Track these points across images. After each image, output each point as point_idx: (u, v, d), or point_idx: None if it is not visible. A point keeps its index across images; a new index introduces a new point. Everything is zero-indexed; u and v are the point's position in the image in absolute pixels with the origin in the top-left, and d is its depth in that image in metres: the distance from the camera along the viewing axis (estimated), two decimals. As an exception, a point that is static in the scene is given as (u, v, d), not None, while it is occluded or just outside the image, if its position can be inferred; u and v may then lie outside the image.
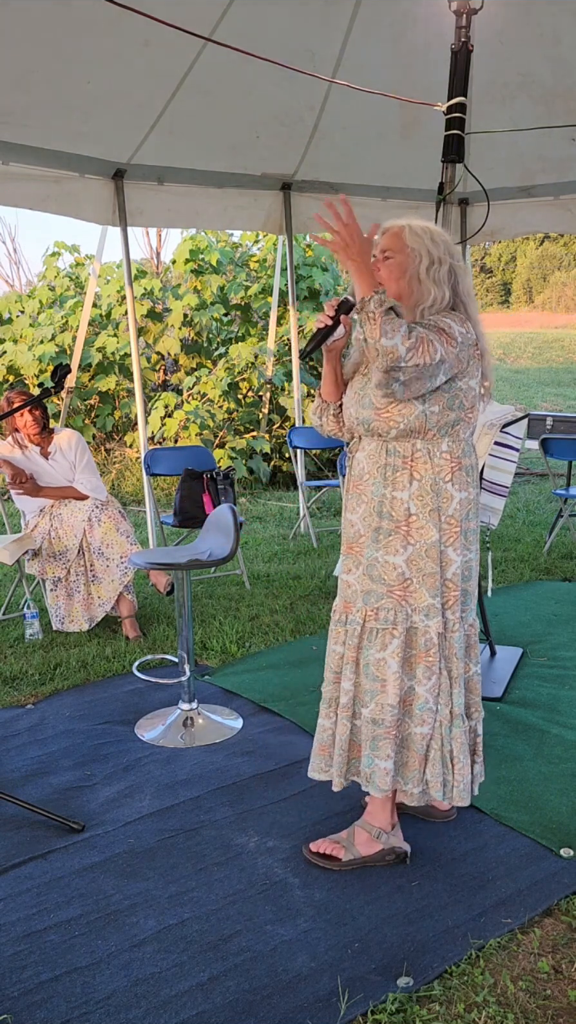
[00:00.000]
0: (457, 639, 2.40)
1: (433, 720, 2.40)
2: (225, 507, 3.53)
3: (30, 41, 3.99)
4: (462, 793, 2.42)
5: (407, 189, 5.86)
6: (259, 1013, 1.98)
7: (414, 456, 2.34)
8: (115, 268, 8.88)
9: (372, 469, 2.40)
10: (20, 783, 3.00)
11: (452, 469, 2.35)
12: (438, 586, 2.36)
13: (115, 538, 4.33)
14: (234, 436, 8.25)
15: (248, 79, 4.61)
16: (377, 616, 2.39)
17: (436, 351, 2.18)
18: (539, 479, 8.41)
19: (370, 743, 2.41)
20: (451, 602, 2.39)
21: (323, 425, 2.59)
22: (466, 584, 2.42)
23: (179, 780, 3.00)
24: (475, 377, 2.34)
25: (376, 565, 2.39)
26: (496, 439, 3.41)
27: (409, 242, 2.32)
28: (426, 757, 2.42)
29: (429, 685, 2.39)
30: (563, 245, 32.97)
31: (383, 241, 2.36)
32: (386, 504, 2.36)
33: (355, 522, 2.45)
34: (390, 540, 2.37)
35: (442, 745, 2.40)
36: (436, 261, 2.31)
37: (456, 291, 2.35)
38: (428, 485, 2.33)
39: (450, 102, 3.31)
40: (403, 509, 2.35)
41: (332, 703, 2.50)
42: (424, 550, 2.35)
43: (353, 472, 2.47)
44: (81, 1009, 2.01)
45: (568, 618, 4.55)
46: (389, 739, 2.38)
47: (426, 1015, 1.95)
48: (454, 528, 2.37)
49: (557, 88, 4.90)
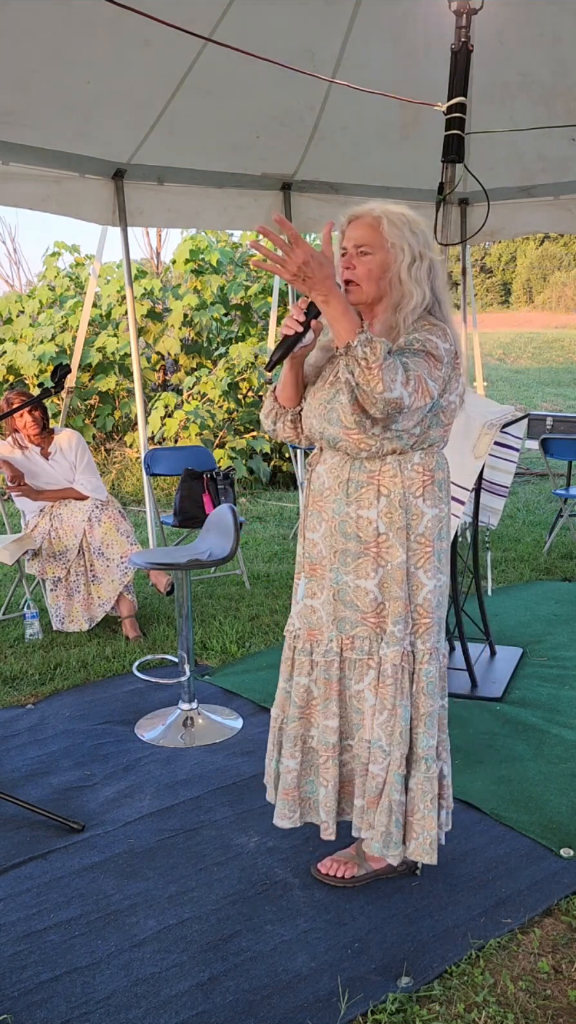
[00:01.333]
0: (426, 673, 2.20)
1: (385, 762, 2.21)
2: (225, 507, 3.53)
3: (30, 41, 3.99)
4: (422, 847, 2.22)
5: (407, 189, 5.85)
6: (259, 1013, 1.98)
7: (382, 470, 2.14)
8: (115, 268, 8.89)
9: (333, 484, 2.20)
10: (20, 783, 3.00)
11: (424, 483, 2.16)
12: (402, 612, 2.16)
13: (115, 538, 4.33)
14: (234, 436, 8.25)
15: (248, 79, 4.60)
16: (353, 645, 2.21)
17: (432, 390, 2.01)
18: (539, 479, 8.41)
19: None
20: (421, 630, 2.19)
21: (277, 431, 2.35)
22: (440, 611, 2.22)
23: (179, 780, 3.00)
24: (456, 390, 2.16)
25: (347, 590, 2.20)
26: (496, 439, 3.41)
27: (389, 235, 2.08)
28: (377, 801, 2.24)
29: (381, 720, 2.19)
30: (563, 245, 32.96)
31: (356, 232, 2.11)
32: (350, 524, 2.17)
33: (317, 542, 2.25)
34: (360, 563, 2.17)
35: (391, 792, 2.20)
36: (418, 257, 2.09)
37: (434, 287, 2.13)
38: (397, 501, 2.14)
39: (450, 102, 3.32)
40: (372, 529, 2.15)
41: (297, 742, 2.32)
42: (391, 572, 2.16)
43: (313, 487, 2.26)
44: (81, 1009, 2.01)
45: (568, 618, 4.55)
46: (363, 776, 2.25)
47: (426, 1015, 1.95)
48: (425, 548, 2.17)
49: (557, 88, 4.89)
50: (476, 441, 3.29)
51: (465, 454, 3.30)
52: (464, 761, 3.04)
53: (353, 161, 5.66)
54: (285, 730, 2.35)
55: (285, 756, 2.35)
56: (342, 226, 2.17)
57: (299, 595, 2.35)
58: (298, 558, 2.36)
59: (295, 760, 2.33)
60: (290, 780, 2.34)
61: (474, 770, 3.00)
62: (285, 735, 2.35)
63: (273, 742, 2.41)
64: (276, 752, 2.39)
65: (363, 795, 2.27)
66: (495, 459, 3.91)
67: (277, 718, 2.39)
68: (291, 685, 2.34)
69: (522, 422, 4.05)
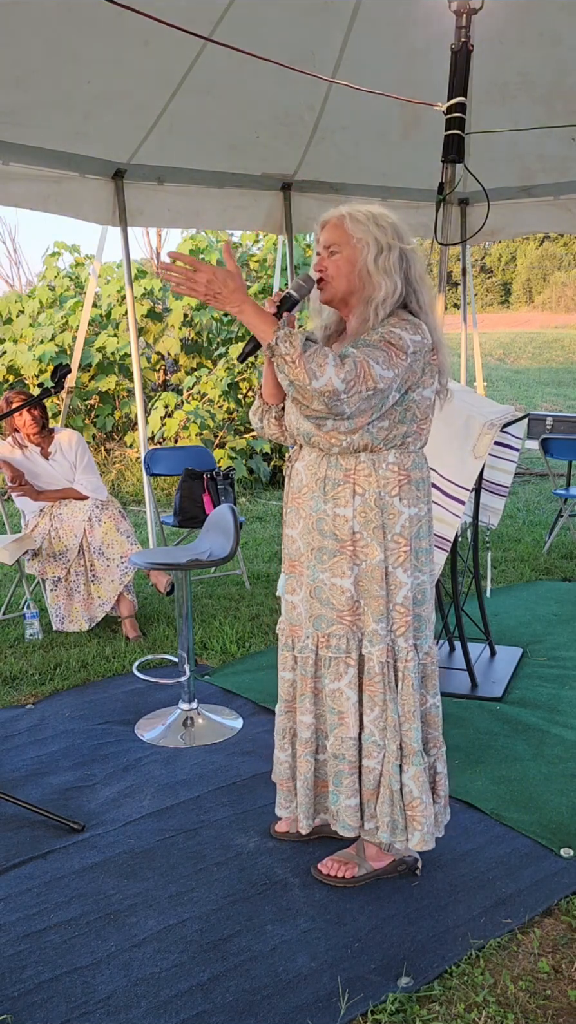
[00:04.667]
0: (411, 669, 2.22)
1: (380, 755, 2.25)
2: (225, 507, 3.53)
3: (30, 41, 3.99)
4: (425, 836, 2.27)
5: (407, 189, 5.85)
6: (259, 1013, 1.98)
7: (357, 468, 2.16)
8: (115, 268, 8.88)
9: (311, 482, 2.22)
10: (20, 783, 3.00)
11: (399, 483, 2.17)
12: (383, 611, 2.19)
13: (115, 538, 4.33)
14: (234, 436, 8.25)
15: (248, 79, 4.60)
16: (329, 643, 2.23)
17: (377, 376, 1.99)
18: (539, 479, 8.41)
19: (334, 778, 2.30)
20: (402, 629, 2.22)
21: (263, 429, 2.39)
22: (420, 609, 2.25)
23: (179, 780, 3.00)
24: (430, 386, 2.17)
25: (323, 588, 2.22)
26: (496, 439, 3.41)
27: (353, 232, 2.13)
28: (376, 793, 2.28)
29: (373, 716, 2.23)
30: (563, 245, 32.94)
31: (325, 235, 2.18)
32: (327, 522, 2.19)
33: (295, 538, 2.28)
34: (336, 561, 2.19)
35: (390, 783, 2.24)
36: (384, 248, 2.12)
37: (408, 278, 2.16)
38: (372, 500, 2.16)
39: (450, 102, 3.32)
40: (347, 528, 2.17)
41: (286, 734, 2.36)
42: (370, 571, 2.18)
43: (292, 483, 2.30)
44: (81, 1009, 2.01)
45: (568, 618, 4.55)
46: (353, 775, 2.26)
47: (426, 1015, 1.95)
48: (403, 547, 2.19)
49: (557, 88, 4.89)
50: (476, 441, 3.28)
51: (465, 454, 3.30)
52: (464, 761, 3.04)
53: (353, 161, 5.66)
54: (276, 722, 2.42)
55: (276, 748, 2.42)
56: (316, 233, 2.23)
57: (279, 590, 2.40)
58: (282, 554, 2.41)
59: (285, 752, 2.40)
60: (283, 771, 2.42)
61: (474, 770, 3.00)
62: (276, 727, 2.42)
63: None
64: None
65: (357, 793, 2.28)
66: (495, 459, 3.91)
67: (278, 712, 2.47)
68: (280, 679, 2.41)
69: (522, 422, 4.05)
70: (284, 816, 2.48)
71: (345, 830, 2.32)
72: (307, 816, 2.36)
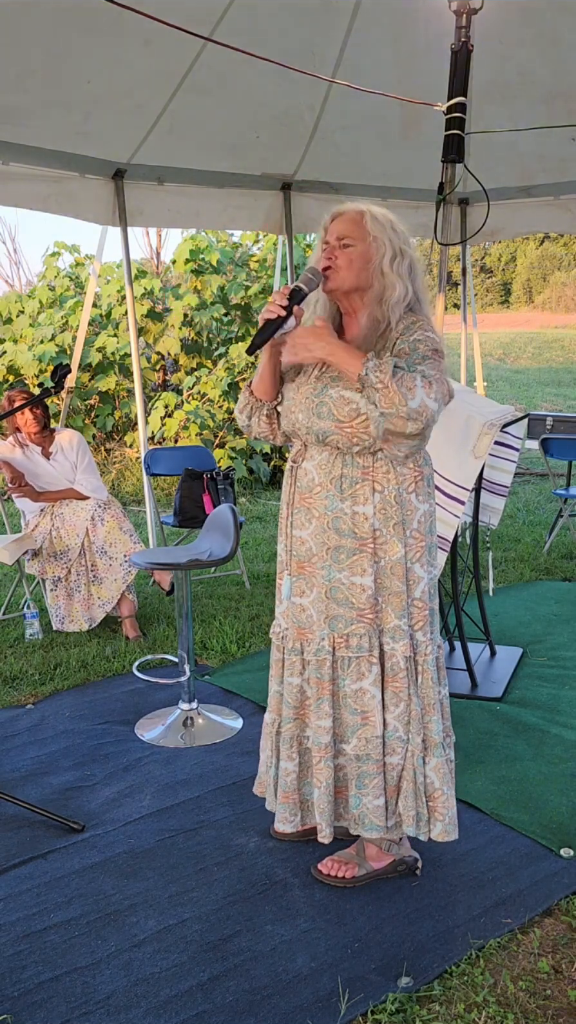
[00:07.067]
0: (430, 662, 2.25)
1: (404, 750, 2.27)
2: (225, 507, 3.53)
3: (30, 41, 3.99)
4: (448, 827, 2.30)
5: (407, 189, 5.85)
6: (259, 1013, 1.98)
7: (375, 466, 2.17)
8: (115, 268, 8.88)
9: (324, 481, 2.20)
10: (20, 783, 3.00)
11: (415, 479, 2.21)
12: (404, 606, 2.21)
13: (119, 536, 4.33)
14: (234, 436, 8.25)
15: (248, 79, 4.60)
16: (348, 643, 2.22)
17: (450, 386, 2.11)
18: (539, 479, 8.41)
19: (356, 781, 2.28)
20: (420, 623, 2.24)
21: (252, 427, 2.36)
22: (433, 603, 2.28)
23: (179, 780, 3.00)
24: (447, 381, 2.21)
25: (340, 587, 2.21)
26: (496, 439, 3.41)
27: (371, 230, 2.15)
28: (398, 788, 2.29)
29: (397, 712, 2.25)
30: (563, 245, 32.92)
31: (339, 227, 2.18)
32: (345, 520, 2.19)
33: (306, 539, 2.25)
34: (355, 560, 2.19)
35: (414, 777, 2.27)
36: (399, 253, 2.16)
37: (415, 286, 2.20)
38: (392, 497, 2.17)
39: (450, 102, 3.31)
40: (368, 526, 2.18)
41: (293, 743, 2.33)
42: (390, 567, 2.19)
43: (300, 484, 2.27)
44: (81, 1009, 2.01)
45: (568, 618, 4.55)
46: (379, 775, 2.26)
47: (426, 1015, 1.95)
48: (420, 543, 2.21)
49: (557, 88, 4.89)
50: (476, 441, 3.28)
51: (465, 454, 3.30)
52: (464, 761, 3.04)
53: (353, 161, 5.66)
54: (282, 733, 2.35)
55: (283, 759, 2.35)
56: (325, 223, 2.23)
57: (284, 594, 2.35)
58: (280, 556, 2.36)
59: (293, 762, 2.33)
60: (289, 783, 2.34)
61: (474, 770, 3.00)
62: (282, 738, 2.35)
63: (271, 747, 2.40)
64: (275, 757, 2.39)
65: (383, 792, 2.27)
66: (495, 459, 3.91)
67: (272, 722, 2.39)
68: (283, 687, 2.35)
69: (522, 422, 4.05)
70: (287, 831, 2.41)
71: (372, 831, 2.29)
72: (330, 824, 2.32)
